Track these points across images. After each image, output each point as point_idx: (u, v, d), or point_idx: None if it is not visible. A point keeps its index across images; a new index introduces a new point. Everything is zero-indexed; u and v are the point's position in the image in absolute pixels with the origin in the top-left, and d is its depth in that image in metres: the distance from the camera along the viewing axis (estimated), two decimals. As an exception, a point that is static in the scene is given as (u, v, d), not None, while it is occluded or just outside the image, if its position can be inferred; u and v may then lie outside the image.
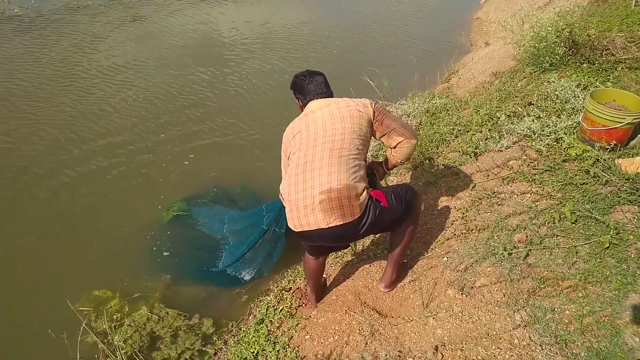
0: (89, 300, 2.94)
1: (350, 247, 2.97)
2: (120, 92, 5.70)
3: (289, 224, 2.15)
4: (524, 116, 3.55)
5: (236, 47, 7.28)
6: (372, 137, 2.30)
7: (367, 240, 3.06)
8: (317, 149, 2.08)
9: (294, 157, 2.14)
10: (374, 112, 2.21)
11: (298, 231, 2.10)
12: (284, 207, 2.17)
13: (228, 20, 8.48)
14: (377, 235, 3.01)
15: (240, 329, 2.73)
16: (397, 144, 2.24)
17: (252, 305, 2.92)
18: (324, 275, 2.76)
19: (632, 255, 2.20)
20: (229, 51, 7.12)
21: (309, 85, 2.30)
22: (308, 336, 2.41)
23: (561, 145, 3.12)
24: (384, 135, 2.26)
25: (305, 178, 2.06)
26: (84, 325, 2.57)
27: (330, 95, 2.32)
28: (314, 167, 2.05)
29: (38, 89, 5.76)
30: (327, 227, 2.01)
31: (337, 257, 3.02)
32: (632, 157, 2.83)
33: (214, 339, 2.69)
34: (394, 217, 2.23)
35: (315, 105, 2.25)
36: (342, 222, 2.00)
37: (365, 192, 2.07)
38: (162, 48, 7.13)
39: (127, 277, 3.14)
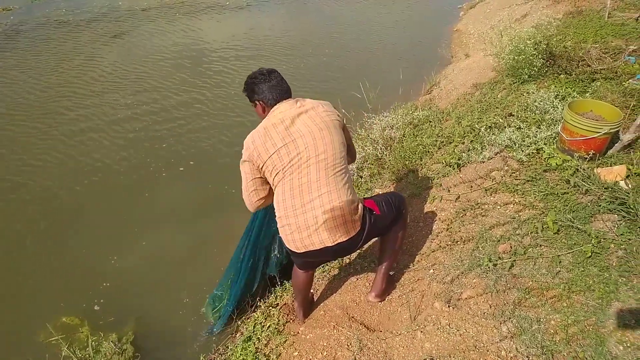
0: (56, 328, 2.86)
1: (337, 261, 2.96)
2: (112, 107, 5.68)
3: (289, 246, 2.12)
4: (505, 127, 3.61)
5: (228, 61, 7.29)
6: None
7: (353, 254, 3.05)
8: (311, 169, 2.01)
9: (284, 179, 2.03)
10: (341, 121, 2.19)
11: (302, 252, 2.09)
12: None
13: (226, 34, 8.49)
14: (364, 248, 3.01)
15: (227, 348, 2.68)
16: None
17: (239, 322, 2.88)
18: (312, 290, 2.74)
19: (614, 264, 2.24)
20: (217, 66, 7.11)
21: (269, 84, 2.09)
22: (296, 353, 2.38)
23: (542, 156, 3.18)
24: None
25: (303, 201, 2.02)
26: (65, 349, 2.50)
27: (290, 92, 2.15)
28: (312, 188, 2.01)
29: (18, 109, 5.66)
30: (333, 244, 2.04)
31: (324, 272, 3.00)
32: (610, 166, 2.89)
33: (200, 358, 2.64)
34: (386, 223, 2.30)
35: (288, 111, 2.06)
36: (347, 238, 2.05)
37: (360, 204, 2.12)
38: (144, 64, 7.10)
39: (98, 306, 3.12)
